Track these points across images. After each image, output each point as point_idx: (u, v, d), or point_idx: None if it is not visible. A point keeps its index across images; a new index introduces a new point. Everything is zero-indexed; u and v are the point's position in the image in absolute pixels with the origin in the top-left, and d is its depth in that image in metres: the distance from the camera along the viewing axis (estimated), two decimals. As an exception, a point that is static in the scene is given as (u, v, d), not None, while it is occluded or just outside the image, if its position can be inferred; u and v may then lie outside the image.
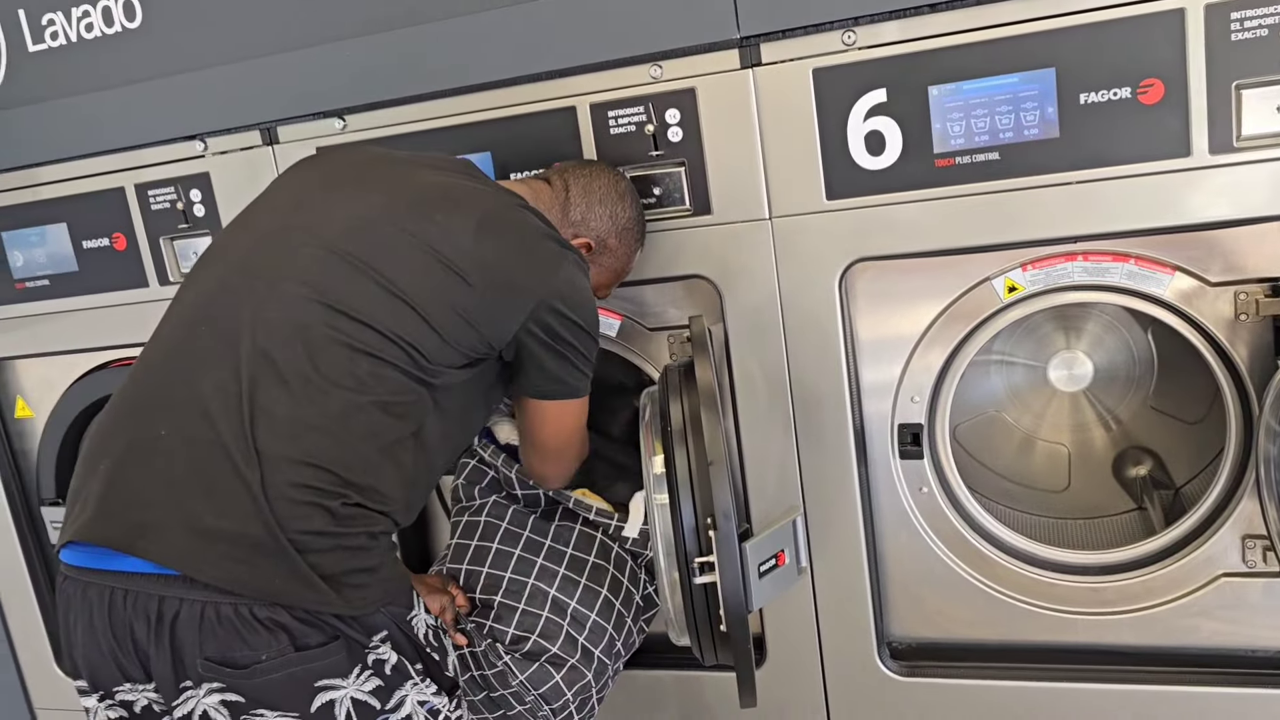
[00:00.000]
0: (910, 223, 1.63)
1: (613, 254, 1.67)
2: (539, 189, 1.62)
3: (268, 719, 1.27)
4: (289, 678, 1.26)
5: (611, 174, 1.66)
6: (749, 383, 1.77)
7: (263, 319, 1.33)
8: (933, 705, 1.83)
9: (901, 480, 1.80)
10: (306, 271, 1.36)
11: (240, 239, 1.47)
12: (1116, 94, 1.50)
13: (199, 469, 1.27)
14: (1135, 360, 1.98)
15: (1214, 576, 1.69)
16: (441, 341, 1.38)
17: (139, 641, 1.27)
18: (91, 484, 1.33)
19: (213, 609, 1.24)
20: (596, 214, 1.63)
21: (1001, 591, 1.79)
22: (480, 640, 1.67)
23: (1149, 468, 1.99)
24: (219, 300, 1.39)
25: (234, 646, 1.25)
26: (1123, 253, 1.62)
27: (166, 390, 1.35)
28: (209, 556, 1.25)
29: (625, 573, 1.81)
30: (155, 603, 1.26)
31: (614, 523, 1.81)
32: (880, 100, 1.60)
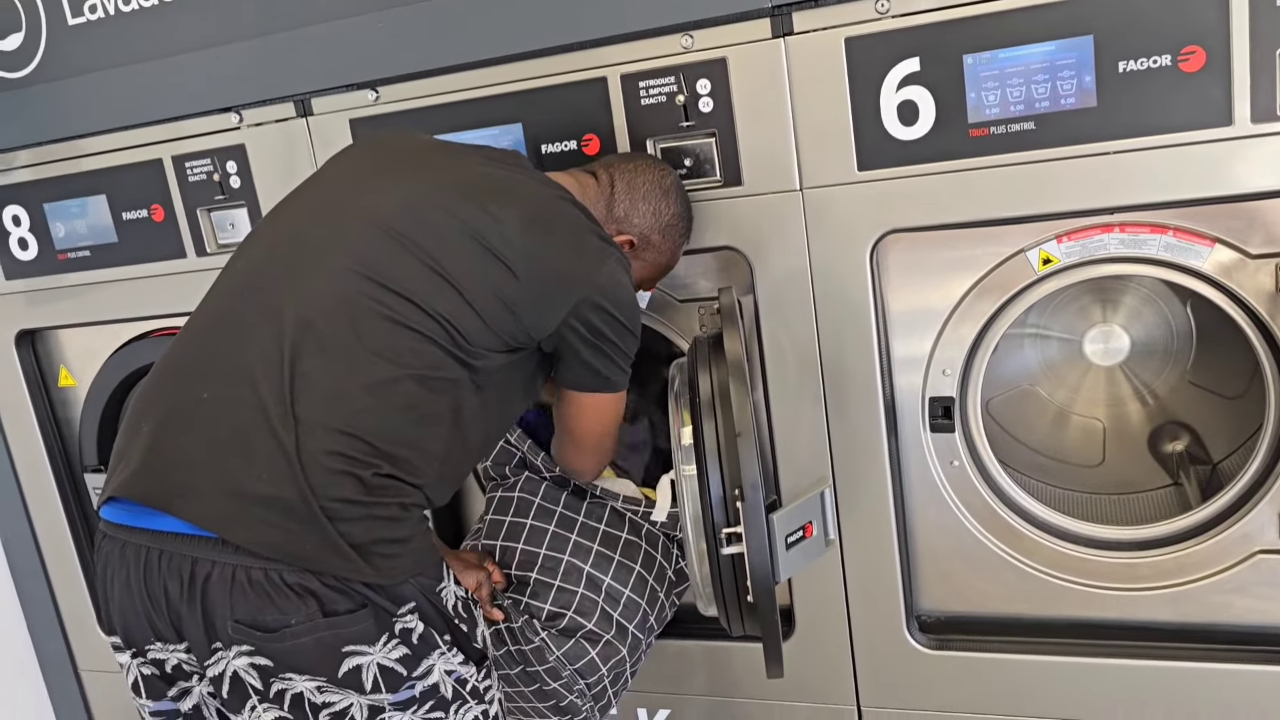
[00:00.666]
0: (943, 194, 1.61)
1: (656, 250, 1.67)
2: (585, 183, 1.63)
3: (296, 682, 1.30)
4: (317, 642, 1.28)
5: (657, 170, 1.66)
6: (779, 355, 1.76)
7: (308, 289, 1.36)
8: (961, 679, 1.83)
9: (932, 453, 1.79)
10: (354, 246, 1.38)
11: (291, 213, 1.50)
12: (1156, 62, 1.47)
13: (238, 432, 1.30)
14: (1173, 334, 1.95)
15: (1250, 553, 1.67)
16: (483, 324, 1.39)
17: (172, 601, 1.30)
18: (135, 444, 1.36)
19: (244, 572, 1.27)
20: (640, 211, 1.63)
21: (1033, 566, 1.78)
22: (517, 616, 1.68)
23: (1186, 443, 1.96)
24: (266, 270, 1.42)
25: (264, 610, 1.27)
26: (1161, 224, 1.60)
27: (210, 355, 1.38)
28: (243, 519, 1.27)
29: (658, 548, 1.82)
30: (189, 564, 1.28)
31: (641, 509, 1.82)
32: (914, 69, 1.58)
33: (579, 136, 1.78)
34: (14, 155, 2.21)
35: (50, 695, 2.62)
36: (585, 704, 1.71)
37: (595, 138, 1.77)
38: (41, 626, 2.56)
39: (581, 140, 1.78)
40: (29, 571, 2.51)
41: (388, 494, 1.32)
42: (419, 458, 1.36)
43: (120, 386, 2.32)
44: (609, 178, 1.64)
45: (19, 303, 2.31)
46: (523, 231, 1.42)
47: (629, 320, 1.52)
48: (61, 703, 2.62)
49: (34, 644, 2.59)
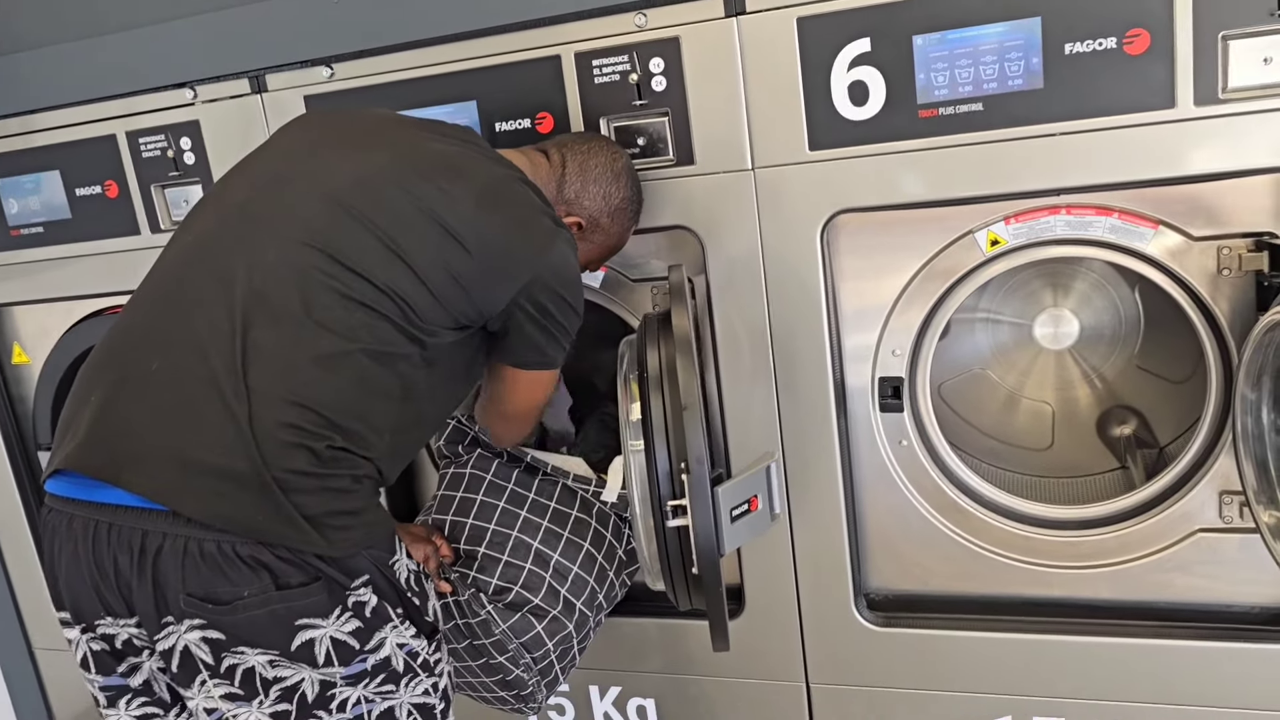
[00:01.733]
0: (893, 174, 1.63)
1: (604, 233, 1.67)
2: (537, 162, 1.62)
3: (249, 656, 1.29)
4: (270, 615, 1.28)
5: (609, 152, 1.66)
6: (730, 334, 1.77)
7: (260, 261, 1.34)
8: (909, 656, 1.85)
9: (881, 433, 1.81)
10: (306, 219, 1.37)
11: (239, 184, 1.48)
12: (1101, 44, 1.49)
13: (189, 403, 1.29)
14: (1122, 319, 1.98)
15: (1190, 532, 1.70)
16: (434, 301, 1.39)
17: (122, 574, 1.29)
18: (81, 414, 1.34)
19: (195, 544, 1.26)
20: (590, 193, 1.63)
21: (979, 545, 1.80)
22: (464, 589, 1.69)
23: (1133, 427, 2.00)
24: (216, 240, 1.40)
25: (216, 582, 1.26)
26: (1106, 206, 1.62)
27: (160, 325, 1.36)
28: (193, 491, 1.26)
29: (609, 527, 1.82)
30: (138, 536, 1.27)
31: (592, 488, 1.82)
32: (864, 49, 1.59)
33: (533, 114, 1.78)
34: (-35, 130, 2.19)
35: (4, 674, 2.60)
36: (532, 679, 1.71)
37: (549, 116, 1.77)
38: (-7, 606, 2.54)
39: (535, 118, 1.78)
40: (-19, 550, 2.49)
41: (340, 466, 1.32)
42: (370, 430, 1.36)
43: (74, 364, 2.29)
44: (561, 158, 1.64)
45: (-29, 279, 2.29)
46: (475, 209, 1.42)
47: (575, 301, 1.52)
48: (16, 681, 2.60)
49: (-14, 624, 2.57)
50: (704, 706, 2.01)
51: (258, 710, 1.31)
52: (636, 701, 2.06)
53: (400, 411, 1.41)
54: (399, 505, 2.14)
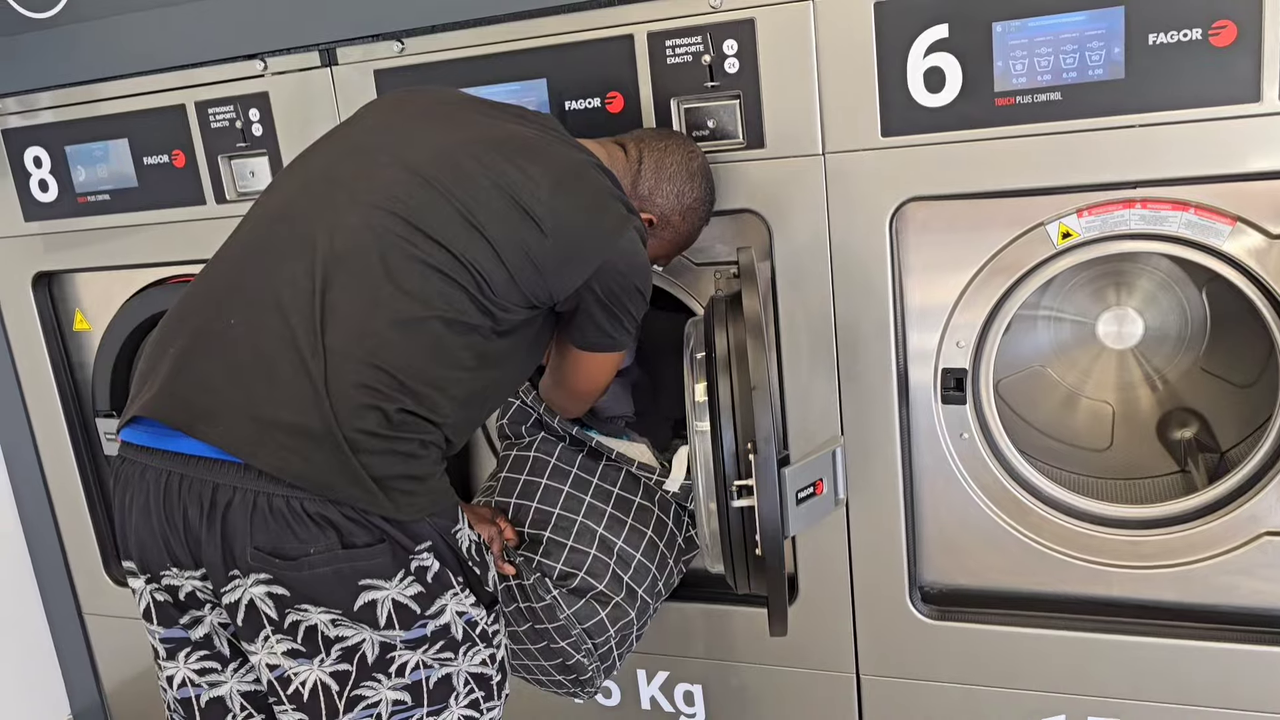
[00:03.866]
0: (966, 162, 1.61)
1: (674, 230, 1.69)
2: (614, 154, 1.64)
3: (311, 614, 1.30)
4: (335, 573, 1.29)
5: (685, 151, 1.68)
6: (794, 319, 1.77)
7: (342, 223, 1.36)
8: (962, 650, 1.84)
9: (943, 425, 1.79)
10: (389, 186, 1.39)
11: (325, 153, 1.51)
12: (1187, 35, 1.47)
13: (265, 358, 1.30)
14: (1188, 320, 1.95)
15: (1257, 535, 1.67)
16: (509, 278, 1.41)
17: (191, 526, 1.30)
18: (159, 366, 1.36)
19: (265, 499, 1.27)
20: (664, 191, 1.65)
21: (1038, 541, 1.78)
22: (529, 573, 1.69)
23: (1195, 430, 1.97)
24: (299, 202, 1.43)
25: (284, 538, 1.28)
26: (1183, 201, 1.59)
27: (240, 282, 1.38)
28: (266, 445, 1.27)
29: (670, 514, 1.82)
30: (209, 489, 1.29)
31: (655, 476, 1.82)
32: (942, 36, 1.58)
33: (603, 94, 1.78)
34: (36, 96, 2.22)
35: (54, 638, 2.64)
36: (591, 664, 1.71)
37: (619, 96, 1.77)
38: (47, 569, 2.57)
39: (606, 98, 1.78)
40: (37, 514, 2.52)
41: (409, 430, 1.33)
42: (440, 397, 1.37)
43: (134, 332, 2.33)
44: (638, 153, 1.65)
45: (37, 245, 2.32)
46: (551, 191, 1.43)
47: (643, 287, 1.54)
48: (65, 645, 2.64)
49: (39, 586, 2.60)
50: (751, 694, 2.00)
51: (319, 669, 1.32)
52: (684, 687, 2.05)
53: (470, 381, 1.42)
54: (455, 485, 2.14)
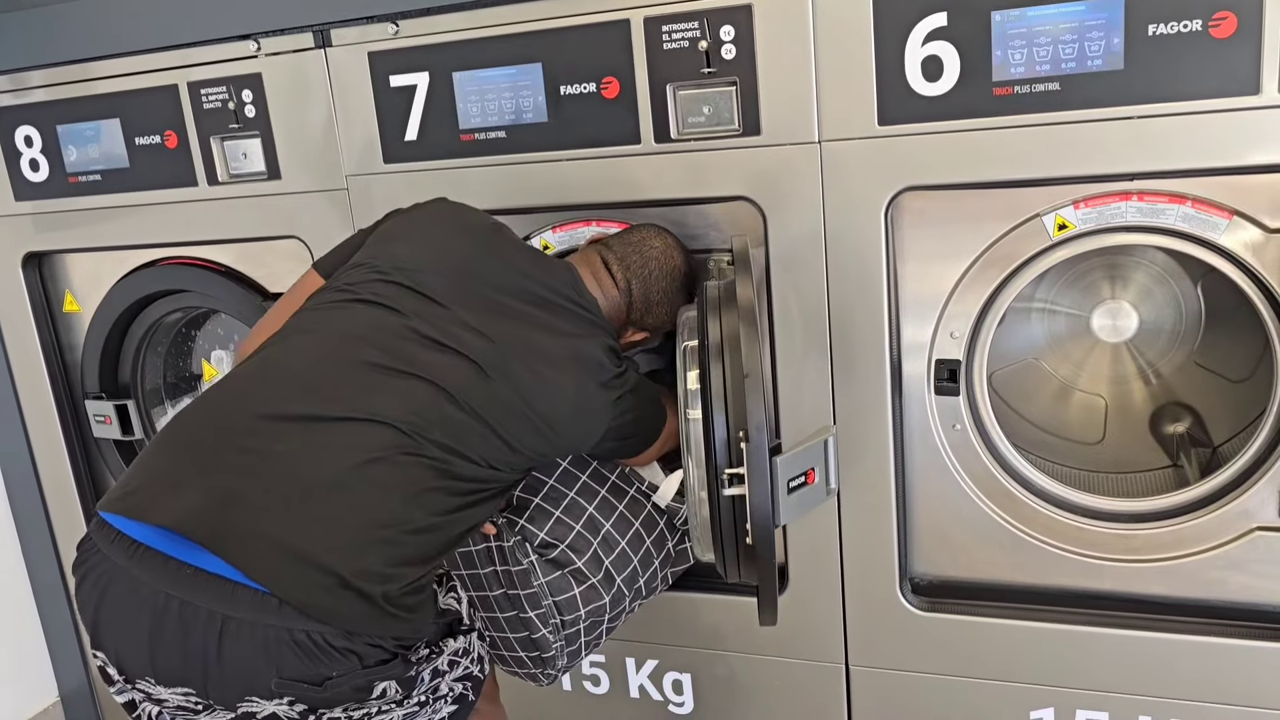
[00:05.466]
0: (962, 152, 1.60)
1: (661, 325, 1.80)
2: (604, 282, 1.71)
3: (333, 711, 1.34)
4: (354, 687, 1.32)
5: (663, 253, 1.76)
6: (787, 308, 1.76)
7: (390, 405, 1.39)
8: (952, 642, 1.83)
9: (935, 416, 1.79)
10: (423, 404, 1.43)
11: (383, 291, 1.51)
12: (1187, 26, 1.46)
13: (307, 492, 1.31)
14: (1183, 314, 1.94)
15: (1248, 530, 1.67)
16: (516, 452, 1.50)
17: (192, 652, 1.26)
18: (184, 469, 1.32)
19: (287, 634, 1.25)
20: (655, 313, 1.75)
21: (1029, 534, 1.78)
22: (510, 535, 1.69)
23: (1187, 424, 1.96)
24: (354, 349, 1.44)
25: (310, 668, 1.28)
26: (1180, 194, 1.59)
27: (290, 409, 1.37)
28: (295, 578, 1.26)
29: (662, 517, 1.81)
30: (218, 619, 1.24)
31: (646, 484, 1.81)
32: (940, 24, 1.57)
33: (599, 79, 1.76)
34: (28, 75, 2.20)
35: (41, 620, 2.63)
36: (557, 641, 1.70)
37: (615, 81, 1.76)
38: (35, 551, 2.56)
39: (601, 83, 1.77)
40: (25, 495, 2.51)
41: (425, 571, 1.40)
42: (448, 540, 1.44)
43: (124, 314, 2.31)
44: (625, 281, 1.71)
45: (27, 224, 2.30)
46: (574, 409, 1.55)
47: (656, 421, 1.71)
48: (52, 628, 2.63)
49: (27, 569, 2.59)
50: (740, 683, 2.00)
51: None
52: (673, 676, 2.05)
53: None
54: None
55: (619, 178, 1.80)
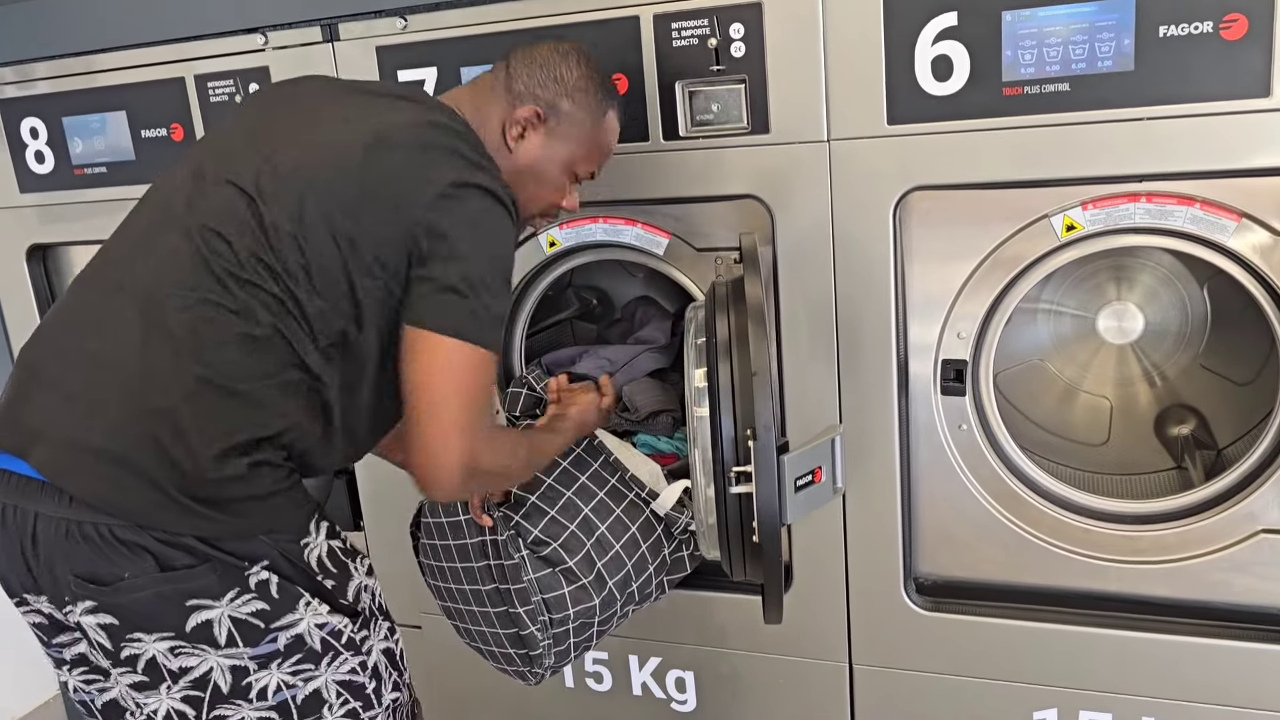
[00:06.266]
0: (972, 152, 1.60)
1: (572, 119, 1.55)
2: (480, 81, 1.57)
3: (146, 644, 1.27)
4: (157, 596, 1.25)
5: (554, 41, 1.59)
6: (795, 307, 1.76)
7: (169, 244, 1.33)
8: (956, 642, 1.83)
9: (941, 416, 1.79)
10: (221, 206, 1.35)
11: (183, 173, 1.42)
12: (1198, 28, 1.46)
13: (92, 381, 1.29)
14: (1189, 316, 1.95)
15: (1253, 532, 1.67)
16: (324, 268, 1.32)
17: (25, 555, 1.30)
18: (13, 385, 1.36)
19: (75, 526, 1.24)
20: (539, 79, 1.54)
21: (1034, 534, 1.78)
22: (504, 529, 1.69)
23: (1192, 427, 1.97)
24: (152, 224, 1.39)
25: (97, 564, 1.25)
26: (1188, 196, 1.58)
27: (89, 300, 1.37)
28: (80, 470, 1.25)
29: (660, 524, 1.81)
30: (31, 517, 1.27)
31: (645, 493, 1.80)
32: (951, 24, 1.56)
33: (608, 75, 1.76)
34: (34, 66, 2.19)
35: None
36: (544, 640, 1.70)
37: (624, 77, 1.75)
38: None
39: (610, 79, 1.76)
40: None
41: (236, 453, 1.28)
42: (263, 414, 1.31)
43: (128, 307, 2.31)
44: (505, 62, 1.56)
45: (32, 217, 2.30)
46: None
47: (485, 253, 1.36)
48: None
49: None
50: (743, 681, 2.00)
51: (168, 697, 1.30)
52: (676, 674, 2.05)
53: (304, 395, 1.34)
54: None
55: (627, 175, 1.79)
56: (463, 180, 1.33)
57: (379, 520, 2.20)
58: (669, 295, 2.26)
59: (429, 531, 1.79)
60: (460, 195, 1.33)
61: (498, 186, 1.37)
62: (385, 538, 2.16)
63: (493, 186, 1.36)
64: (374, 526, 2.21)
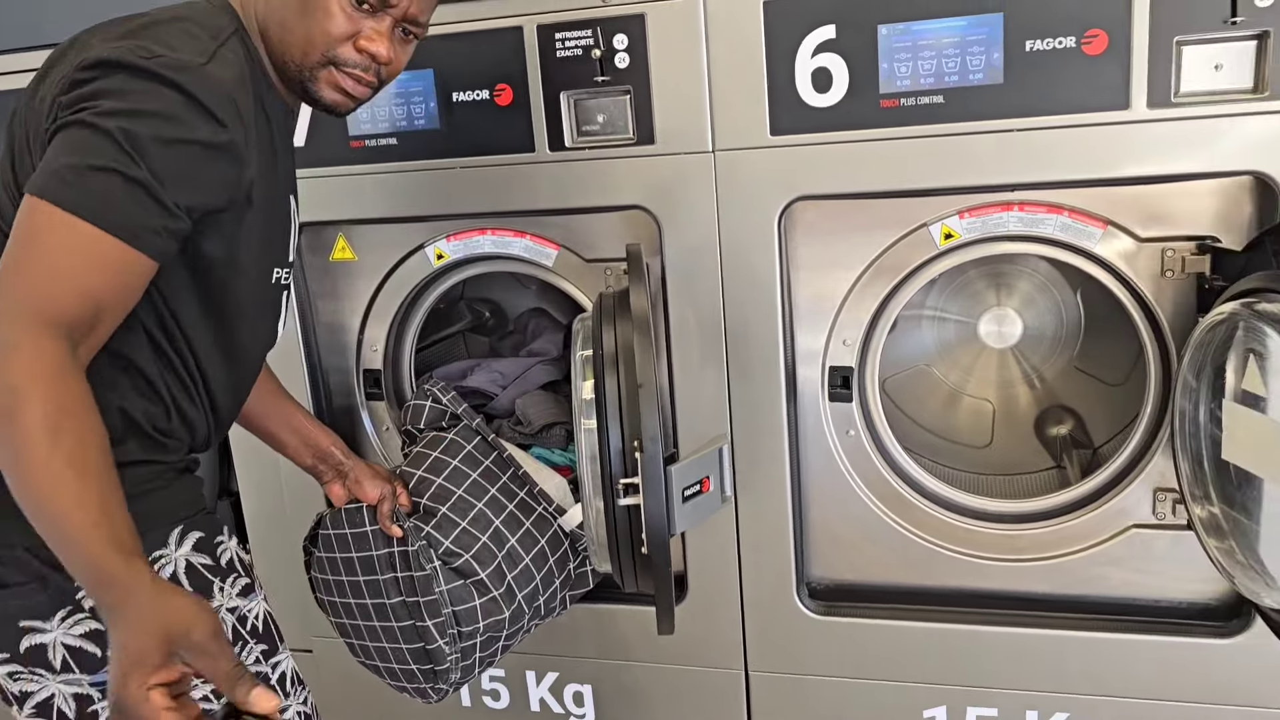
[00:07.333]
0: (852, 163, 1.63)
1: None
2: None
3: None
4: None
5: None
6: (684, 317, 1.76)
7: None
8: (848, 645, 1.86)
9: (830, 423, 1.81)
10: None
11: None
12: (1061, 43, 1.51)
13: None
14: (1064, 320, 2.02)
15: (1125, 527, 1.73)
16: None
17: None
18: None
19: None
20: None
21: (920, 536, 1.82)
22: (415, 540, 1.66)
23: (1070, 427, 2.04)
24: None
25: None
26: (1058, 205, 1.64)
27: None
28: None
29: (566, 538, 1.80)
30: None
31: (552, 508, 1.79)
32: (829, 36, 1.59)
33: (492, 86, 1.75)
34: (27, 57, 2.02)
35: None
36: (451, 653, 1.67)
37: (508, 88, 1.74)
38: None
39: (494, 90, 1.75)
40: None
41: None
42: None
43: None
44: None
45: None
46: None
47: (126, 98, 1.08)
48: None
49: None
50: (641, 693, 2.00)
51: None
52: (573, 688, 2.04)
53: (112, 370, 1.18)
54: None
55: (513, 186, 1.78)
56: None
57: (266, 539, 2.13)
58: (561, 307, 2.25)
59: (328, 544, 1.74)
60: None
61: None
62: (276, 558, 2.10)
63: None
64: (261, 546, 2.14)
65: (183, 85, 1.10)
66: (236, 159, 1.17)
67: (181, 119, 1.10)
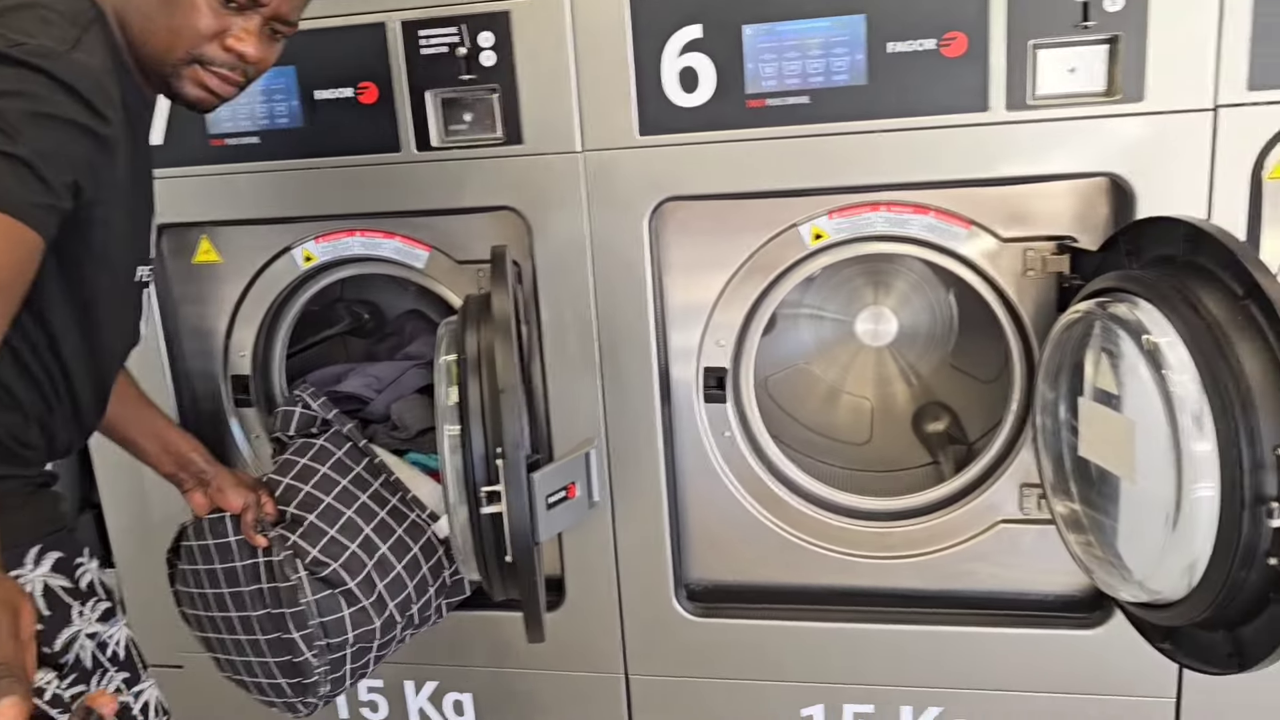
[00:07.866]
0: (720, 163, 1.63)
1: None
2: None
3: None
4: None
5: None
6: (556, 319, 1.74)
7: None
8: (727, 646, 1.86)
9: (705, 424, 1.81)
10: None
11: None
12: (921, 45, 1.53)
13: None
14: (938, 319, 2.05)
15: (993, 523, 1.77)
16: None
17: None
18: None
19: None
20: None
21: (795, 534, 1.83)
22: (280, 549, 1.61)
23: (946, 423, 2.07)
24: None
25: None
26: (923, 205, 1.66)
27: None
28: None
29: (441, 545, 1.76)
30: None
31: (426, 515, 1.75)
32: (696, 36, 1.58)
33: (355, 84, 1.70)
34: None
35: None
36: (320, 665, 1.62)
37: (373, 86, 1.69)
38: None
39: (358, 88, 1.70)
40: None
41: None
42: None
43: None
44: None
45: None
46: None
47: None
48: None
49: None
50: (522, 700, 1.97)
51: None
52: (454, 697, 2.00)
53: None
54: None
55: (380, 186, 1.73)
56: None
57: (131, 552, 2.04)
58: (438, 309, 2.20)
59: (190, 556, 1.67)
60: None
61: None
62: (142, 571, 2.01)
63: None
64: (125, 560, 2.06)
65: (51, 72, 1.05)
66: (110, 150, 1.12)
67: (53, 100, 1.06)
